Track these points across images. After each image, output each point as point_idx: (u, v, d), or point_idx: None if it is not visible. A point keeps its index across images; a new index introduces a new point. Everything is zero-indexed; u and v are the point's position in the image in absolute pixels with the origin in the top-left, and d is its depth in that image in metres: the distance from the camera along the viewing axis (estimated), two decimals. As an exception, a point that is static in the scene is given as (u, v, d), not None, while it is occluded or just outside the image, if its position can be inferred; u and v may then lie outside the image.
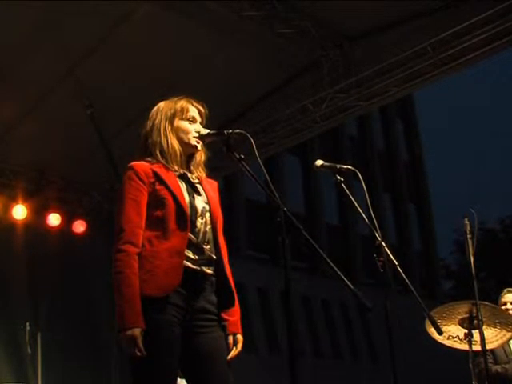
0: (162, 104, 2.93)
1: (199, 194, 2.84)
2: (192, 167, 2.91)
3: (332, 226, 22.62)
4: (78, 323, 9.19)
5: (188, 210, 2.71)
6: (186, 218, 2.69)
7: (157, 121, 2.87)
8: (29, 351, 7.02)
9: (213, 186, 2.96)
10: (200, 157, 2.93)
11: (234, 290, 2.82)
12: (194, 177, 2.89)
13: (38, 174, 8.85)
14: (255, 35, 7.14)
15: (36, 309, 8.94)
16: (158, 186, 2.73)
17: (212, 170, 3.00)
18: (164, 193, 2.72)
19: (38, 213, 8.97)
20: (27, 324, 7.03)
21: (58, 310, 9.19)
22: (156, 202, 2.71)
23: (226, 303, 2.80)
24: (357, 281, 20.31)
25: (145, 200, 2.72)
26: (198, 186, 2.87)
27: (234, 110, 8.29)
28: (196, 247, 2.72)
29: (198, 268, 2.71)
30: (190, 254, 2.69)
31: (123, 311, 2.55)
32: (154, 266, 2.62)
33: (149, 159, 2.82)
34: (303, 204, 21.75)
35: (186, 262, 2.67)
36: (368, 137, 25.54)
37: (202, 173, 2.92)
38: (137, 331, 2.52)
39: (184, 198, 2.73)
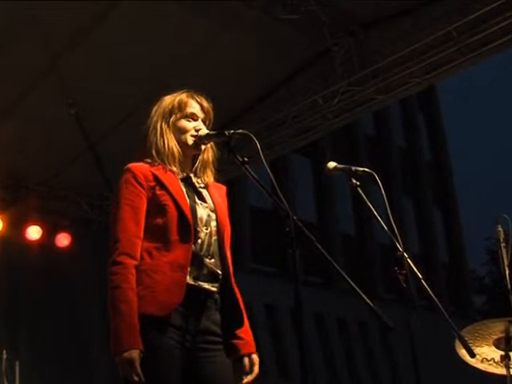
0: (163, 99, 2.95)
1: (204, 201, 2.84)
2: (198, 170, 2.91)
3: (347, 235, 22.60)
4: (62, 349, 9.18)
5: (191, 219, 2.72)
6: (189, 228, 2.69)
7: (155, 118, 2.89)
8: (6, 383, 7.01)
9: (220, 191, 2.97)
10: (207, 157, 2.93)
11: (244, 308, 2.82)
12: (199, 181, 2.90)
13: (16, 181, 8.87)
14: (256, 22, 7.15)
15: (14, 334, 8.93)
16: (158, 191, 2.73)
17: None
18: (165, 199, 2.72)
19: (16, 225, 8.97)
20: (4, 352, 7.02)
21: (40, 334, 9.18)
22: (156, 209, 2.72)
23: (234, 323, 2.80)
24: (376, 296, 20.28)
25: (144, 206, 2.72)
26: (203, 191, 2.88)
27: (235, 107, 8.30)
28: (199, 261, 2.72)
29: (201, 284, 2.71)
30: (192, 269, 2.69)
31: (120, 331, 2.53)
32: (154, 281, 2.62)
33: (148, 160, 2.83)
34: (315, 211, 21.75)
35: (187, 278, 2.67)
36: (386, 134, 25.54)
37: (209, 176, 2.92)
38: (135, 353, 2.50)
39: (187, 205, 2.74)
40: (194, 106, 2.91)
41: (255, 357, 2.83)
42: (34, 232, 9.08)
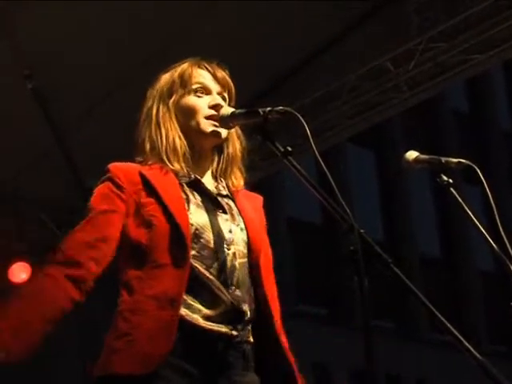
0: (159, 78, 3.00)
1: (224, 211, 2.86)
2: (220, 170, 2.95)
3: (431, 258, 22.52)
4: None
5: (187, 232, 2.69)
6: (184, 246, 2.69)
7: (149, 103, 2.95)
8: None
9: (254, 202, 3.02)
10: (233, 150, 2.96)
11: (295, 366, 2.80)
12: (216, 187, 2.91)
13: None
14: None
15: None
16: (144, 199, 2.76)
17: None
18: (152, 208, 2.74)
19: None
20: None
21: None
22: (140, 223, 2.74)
23: None
24: (476, 347, 20.14)
25: (118, 216, 2.76)
26: (223, 200, 2.89)
27: (265, 77, 8.32)
28: (212, 293, 2.71)
29: (215, 328, 2.69)
30: (203, 305, 2.69)
31: None
32: (131, 326, 2.63)
33: (139, 159, 2.88)
34: (382, 224, 21.70)
35: (193, 317, 2.66)
36: (485, 112, 25.42)
37: (237, 177, 2.96)
38: None
39: (184, 215, 2.73)
40: (202, 75, 2.94)
41: None
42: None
